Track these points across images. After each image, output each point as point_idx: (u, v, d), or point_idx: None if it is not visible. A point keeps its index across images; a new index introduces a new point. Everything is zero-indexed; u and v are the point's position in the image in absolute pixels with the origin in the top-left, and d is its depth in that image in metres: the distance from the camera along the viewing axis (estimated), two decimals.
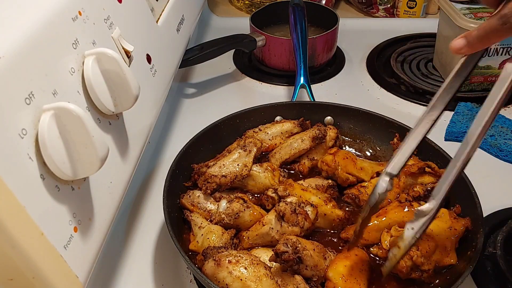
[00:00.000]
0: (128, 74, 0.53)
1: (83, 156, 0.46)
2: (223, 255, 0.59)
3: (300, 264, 0.58)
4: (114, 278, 0.70)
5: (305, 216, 0.62)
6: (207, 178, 0.72)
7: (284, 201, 0.63)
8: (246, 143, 0.76)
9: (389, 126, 0.82)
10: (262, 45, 1.11)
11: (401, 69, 1.15)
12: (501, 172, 0.86)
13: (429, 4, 1.42)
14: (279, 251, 0.58)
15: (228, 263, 0.57)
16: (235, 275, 0.56)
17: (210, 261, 0.59)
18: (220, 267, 0.57)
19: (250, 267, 0.57)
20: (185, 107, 1.06)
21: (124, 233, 0.76)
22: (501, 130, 0.93)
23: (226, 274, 0.57)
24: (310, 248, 0.60)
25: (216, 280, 0.57)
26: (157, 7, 0.82)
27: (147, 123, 0.70)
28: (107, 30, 0.59)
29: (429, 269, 0.60)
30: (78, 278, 0.47)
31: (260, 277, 0.57)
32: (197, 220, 0.69)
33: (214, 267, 0.58)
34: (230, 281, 0.56)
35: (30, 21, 0.45)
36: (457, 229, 0.65)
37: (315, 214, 0.63)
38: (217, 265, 0.58)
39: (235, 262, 0.58)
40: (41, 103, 0.44)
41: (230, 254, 0.59)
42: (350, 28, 1.31)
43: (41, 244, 0.42)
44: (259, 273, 0.57)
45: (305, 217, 0.62)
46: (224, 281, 0.57)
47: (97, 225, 0.52)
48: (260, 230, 0.65)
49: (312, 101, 0.94)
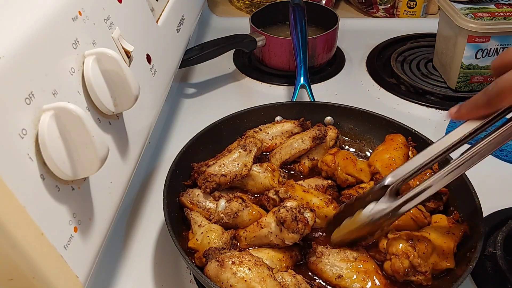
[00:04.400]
0: (128, 74, 0.53)
1: (83, 156, 0.46)
2: (226, 256, 0.59)
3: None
4: (114, 278, 0.70)
5: (305, 224, 0.62)
6: (207, 177, 0.71)
7: (284, 207, 0.63)
8: (246, 143, 0.76)
9: (389, 126, 0.82)
10: (262, 45, 1.11)
11: (401, 69, 1.15)
12: (501, 172, 0.86)
13: (429, 4, 1.42)
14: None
15: (231, 264, 0.57)
16: (240, 276, 0.56)
17: (212, 262, 0.58)
18: (224, 268, 0.57)
19: (254, 268, 0.57)
20: (185, 107, 1.06)
21: (124, 233, 0.76)
22: None
23: (230, 275, 0.56)
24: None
25: (220, 281, 0.57)
26: (157, 7, 0.82)
27: (147, 123, 0.70)
28: (107, 30, 0.59)
29: (426, 271, 0.60)
30: (78, 278, 0.47)
31: (264, 278, 0.56)
32: (197, 219, 0.69)
33: (217, 268, 0.57)
34: (234, 282, 0.56)
35: (30, 21, 0.45)
36: (455, 234, 0.65)
37: (314, 220, 0.64)
38: (220, 266, 0.57)
39: (239, 263, 0.57)
40: (41, 103, 0.44)
41: (233, 255, 0.59)
42: (350, 28, 1.31)
43: (41, 244, 0.42)
44: (263, 274, 0.57)
45: (305, 225, 0.62)
46: (228, 282, 0.56)
47: (97, 225, 0.52)
48: (258, 233, 0.65)
49: (312, 101, 0.94)
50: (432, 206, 0.71)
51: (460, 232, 0.65)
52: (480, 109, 0.52)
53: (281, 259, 0.64)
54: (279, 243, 0.64)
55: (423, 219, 0.68)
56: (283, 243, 0.63)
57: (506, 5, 0.99)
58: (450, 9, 0.99)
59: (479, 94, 0.52)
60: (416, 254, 0.60)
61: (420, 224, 0.67)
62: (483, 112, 0.53)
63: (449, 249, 0.63)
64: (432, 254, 0.61)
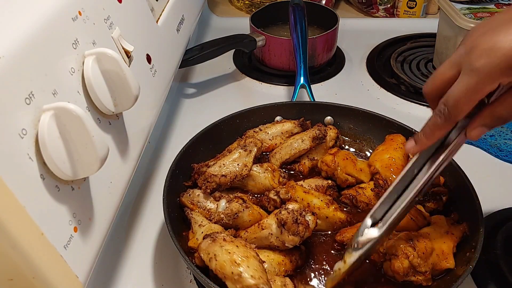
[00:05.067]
0: (128, 74, 0.53)
1: (83, 156, 0.46)
2: (220, 235, 0.60)
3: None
4: (114, 278, 0.70)
5: (306, 227, 0.62)
6: (207, 178, 0.72)
7: (286, 209, 0.63)
8: (246, 143, 0.76)
9: (389, 126, 0.82)
10: (262, 45, 1.11)
11: (401, 69, 1.15)
12: (501, 172, 0.86)
13: (429, 4, 1.42)
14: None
15: (222, 240, 0.59)
16: (226, 248, 0.58)
17: (208, 238, 0.60)
18: (214, 242, 0.59)
19: (242, 247, 0.59)
20: (185, 107, 1.06)
21: (124, 233, 0.76)
22: (501, 130, 0.93)
23: (218, 248, 0.58)
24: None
25: (207, 253, 0.58)
26: (157, 7, 0.82)
27: (147, 123, 0.70)
28: (107, 30, 0.59)
29: (426, 271, 0.60)
30: (78, 278, 0.47)
31: (248, 256, 0.57)
32: (198, 219, 0.69)
33: (209, 243, 0.59)
34: (219, 253, 0.57)
35: (30, 21, 0.45)
36: (455, 234, 0.65)
37: (315, 223, 0.64)
38: (212, 241, 0.59)
39: (230, 240, 0.59)
40: (41, 103, 0.44)
41: (227, 235, 0.60)
42: (350, 28, 1.31)
43: (41, 244, 0.42)
44: (249, 253, 0.58)
45: (306, 228, 0.62)
46: (213, 253, 0.58)
47: (97, 225, 0.52)
48: (259, 234, 0.65)
49: (312, 101, 0.94)
50: (431, 207, 0.71)
51: (459, 233, 0.65)
52: (441, 129, 0.54)
53: (281, 262, 0.64)
54: (280, 245, 0.64)
55: (422, 220, 0.68)
56: (284, 245, 0.63)
57: (506, 5, 0.99)
58: (450, 9, 0.99)
59: (433, 117, 0.54)
60: (416, 254, 0.60)
61: (420, 225, 0.67)
62: (444, 131, 0.54)
63: (448, 249, 0.63)
64: (432, 254, 0.61)
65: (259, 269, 0.56)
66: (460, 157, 0.73)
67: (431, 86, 0.54)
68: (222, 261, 0.56)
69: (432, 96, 0.54)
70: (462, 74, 0.49)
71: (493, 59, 0.46)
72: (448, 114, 0.51)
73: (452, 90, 0.50)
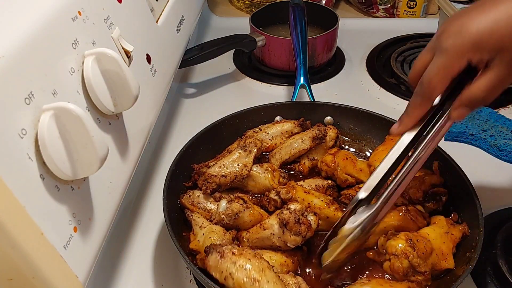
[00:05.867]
0: (128, 74, 0.53)
1: (83, 156, 0.46)
2: (227, 248, 0.59)
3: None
4: (114, 278, 0.70)
5: (308, 226, 0.62)
6: (207, 178, 0.71)
7: (288, 209, 0.63)
8: (246, 143, 0.76)
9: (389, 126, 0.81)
10: (262, 45, 1.11)
11: (401, 69, 1.15)
12: (501, 172, 0.86)
13: (429, 4, 1.42)
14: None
15: (232, 254, 0.58)
16: (239, 264, 0.57)
17: (213, 253, 0.59)
18: (224, 258, 0.57)
19: (253, 259, 0.58)
20: (185, 107, 1.06)
21: (124, 233, 0.76)
22: (501, 130, 0.93)
23: (230, 264, 0.57)
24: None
25: (220, 271, 0.57)
26: (157, 7, 0.82)
27: (147, 123, 0.70)
28: (107, 30, 0.59)
29: (425, 271, 0.60)
30: (78, 278, 0.47)
31: (263, 268, 0.57)
32: (198, 220, 0.69)
33: (218, 259, 0.58)
34: (234, 270, 0.56)
35: (30, 21, 0.45)
36: (455, 234, 0.65)
37: (317, 223, 0.64)
38: (220, 256, 0.58)
39: (239, 254, 0.58)
40: (41, 103, 0.44)
41: (233, 248, 0.59)
42: (350, 28, 1.31)
43: (41, 244, 0.42)
44: (263, 265, 0.57)
45: (308, 228, 0.62)
46: (227, 271, 0.57)
47: (97, 225, 0.52)
48: (261, 234, 0.65)
49: (312, 101, 0.94)
50: (431, 207, 0.71)
51: (459, 233, 0.65)
52: (419, 108, 0.60)
53: (283, 263, 0.64)
54: (281, 245, 0.64)
55: (422, 220, 0.68)
56: (285, 246, 0.63)
57: None
58: (450, 9, 0.99)
59: (412, 98, 0.60)
60: (416, 254, 0.60)
61: (419, 225, 0.67)
62: (423, 109, 0.60)
63: (448, 249, 0.63)
64: (432, 254, 0.61)
65: (277, 282, 0.57)
66: (460, 157, 0.73)
67: (413, 72, 0.60)
68: (241, 280, 0.56)
69: (415, 81, 0.59)
70: (435, 56, 0.55)
71: (460, 38, 0.52)
72: (423, 92, 0.57)
73: (427, 70, 0.56)
